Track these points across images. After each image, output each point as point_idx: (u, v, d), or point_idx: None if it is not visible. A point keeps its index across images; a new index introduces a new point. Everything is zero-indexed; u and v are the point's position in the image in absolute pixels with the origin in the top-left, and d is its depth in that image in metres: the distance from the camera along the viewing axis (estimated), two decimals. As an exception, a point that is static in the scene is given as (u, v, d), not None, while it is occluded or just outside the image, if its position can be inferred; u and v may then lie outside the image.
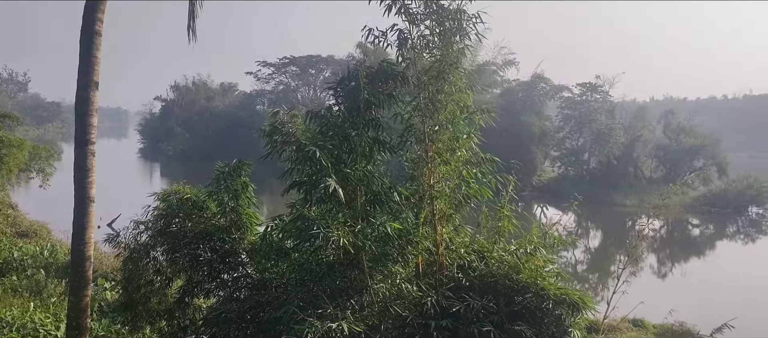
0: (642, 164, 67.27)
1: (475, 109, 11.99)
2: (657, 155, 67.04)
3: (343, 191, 10.30)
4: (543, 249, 11.33)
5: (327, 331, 9.34)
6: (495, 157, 11.81)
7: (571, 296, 10.34)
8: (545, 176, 68.49)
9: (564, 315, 10.39)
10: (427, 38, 11.59)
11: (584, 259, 41.96)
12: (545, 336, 10.33)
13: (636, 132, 67.77)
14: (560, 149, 69.39)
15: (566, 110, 69.84)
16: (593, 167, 67.33)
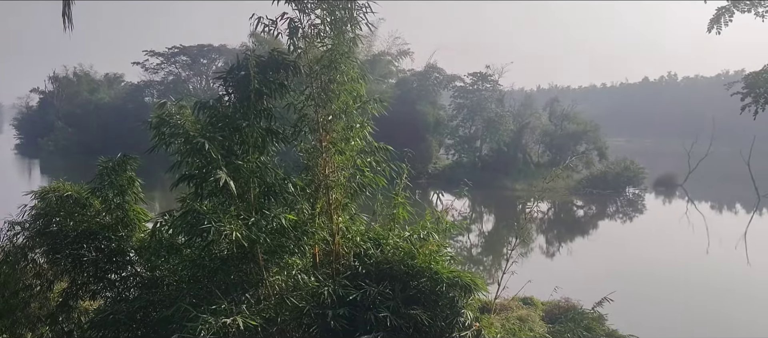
0: (530, 149, 70.47)
1: (368, 98, 12.07)
2: (544, 140, 70.50)
3: (235, 183, 10.09)
4: (436, 234, 11.62)
5: (221, 327, 9.14)
6: (388, 146, 11.97)
7: (463, 278, 10.69)
8: (441, 164, 70.24)
9: (457, 297, 10.73)
10: (318, 27, 11.53)
11: (478, 242, 43.47)
12: (439, 318, 10.63)
13: (524, 119, 70.88)
14: (454, 137, 71.43)
15: (459, 99, 71.92)
16: (485, 154, 69.78)
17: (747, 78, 7.88)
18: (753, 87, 7.64)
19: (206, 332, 8.88)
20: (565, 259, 38.45)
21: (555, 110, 74.05)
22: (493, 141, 68.15)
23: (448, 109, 72.74)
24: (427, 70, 69.16)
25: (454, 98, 72.61)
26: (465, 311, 10.65)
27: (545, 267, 34.75)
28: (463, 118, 71.50)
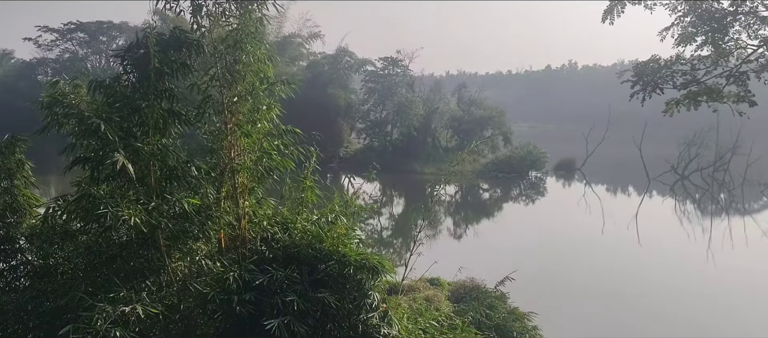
0: (439, 134, 71.92)
1: (276, 80, 11.87)
2: (452, 125, 72.12)
3: (134, 166, 9.67)
4: (344, 218, 11.63)
5: (120, 316, 8.78)
6: (297, 129, 11.83)
7: (370, 261, 10.77)
8: (352, 148, 70.40)
9: (365, 280, 10.81)
10: (222, 6, 11.19)
11: (389, 225, 43.98)
12: (347, 300, 10.68)
13: (433, 105, 72.15)
14: (365, 121, 71.77)
15: (370, 84, 72.21)
16: (396, 138, 70.54)
17: (636, 67, 8.36)
18: (641, 76, 8.12)
19: (103, 321, 8.49)
20: (471, 240, 39.57)
21: (463, 95, 75.87)
22: (403, 126, 68.96)
23: (360, 93, 72.92)
24: (338, 53, 68.89)
25: (365, 83, 72.84)
26: (372, 293, 10.74)
27: (453, 248, 35.64)
28: (374, 102, 71.91)
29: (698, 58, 8.24)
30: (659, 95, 8.25)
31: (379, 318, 10.66)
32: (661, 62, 8.06)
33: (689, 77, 8.05)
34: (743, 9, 7.98)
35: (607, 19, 10.37)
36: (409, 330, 11.23)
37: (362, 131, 72.62)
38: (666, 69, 7.98)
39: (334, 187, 14.02)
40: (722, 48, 8.13)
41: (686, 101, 8.20)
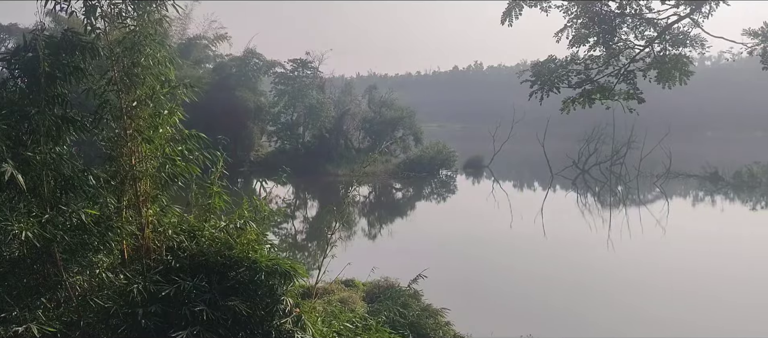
0: (351, 135, 72.08)
1: (178, 83, 11.47)
2: (364, 126, 72.42)
3: (24, 177, 9.07)
4: (254, 223, 11.40)
5: (13, 337, 8.22)
6: (201, 133, 11.48)
7: (282, 266, 10.61)
8: (263, 151, 69.29)
9: (277, 285, 10.64)
10: (118, 6, 10.70)
11: (303, 228, 43.64)
12: (259, 307, 10.47)
13: (344, 106, 72.23)
14: (276, 123, 70.78)
15: (280, 86, 71.28)
16: (308, 141, 70.04)
17: (534, 67, 8.72)
18: (539, 75, 8.47)
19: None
20: (386, 240, 39.89)
21: (374, 97, 76.39)
22: (315, 127, 68.56)
23: (270, 95, 71.84)
24: (246, 55, 67.49)
25: (275, 85, 71.82)
26: (285, 298, 10.58)
27: (367, 248, 35.80)
28: (285, 104, 71.00)
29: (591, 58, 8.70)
30: (556, 93, 8.64)
31: (293, 323, 10.51)
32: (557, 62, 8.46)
33: (583, 76, 8.48)
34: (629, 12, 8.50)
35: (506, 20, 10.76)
36: (324, 333, 11.16)
37: (273, 133, 71.55)
38: (562, 69, 8.39)
39: (243, 192, 13.71)
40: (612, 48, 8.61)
41: (581, 99, 8.63)
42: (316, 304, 14.52)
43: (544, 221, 42.11)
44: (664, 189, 58.42)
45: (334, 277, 18.70)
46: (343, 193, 54.16)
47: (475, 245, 35.45)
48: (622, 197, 58.18)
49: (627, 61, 8.27)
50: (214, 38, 68.58)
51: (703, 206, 53.24)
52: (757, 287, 26.57)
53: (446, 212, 51.58)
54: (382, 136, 71.17)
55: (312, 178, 59.67)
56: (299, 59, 71.26)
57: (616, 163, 66.26)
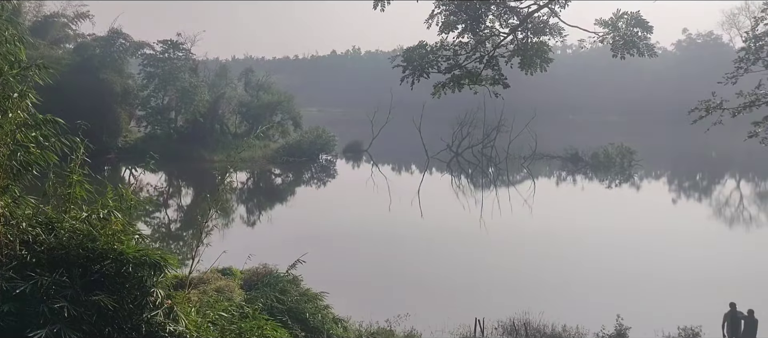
0: (227, 120, 70.09)
1: (30, 64, 10.55)
2: (240, 111, 70.65)
3: None
4: (119, 213, 10.77)
5: None
6: (58, 118, 10.65)
7: (151, 256, 10.12)
8: (132, 137, 65.67)
9: (146, 277, 10.13)
10: (-44, -22, 9.65)
11: (177, 217, 42.02)
12: (127, 301, 9.95)
13: (220, 90, 70.01)
14: (146, 108, 67.15)
15: (149, 68, 67.56)
16: (181, 126, 67.24)
17: (405, 53, 8.91)
18: (410, 61, 8.66)
19: None
20: (265, 226, 39.35)
21: (250, 80, 74.73)
22: (188, 112, 65.83)
23: (138, 78, 68.05)
24: (110, 35, 63.27)
25: (143, 67, 67.96)
26: (155, 290, 10.11)
27: (246, 235, 35.13)
28: (155, 88, 67.42)
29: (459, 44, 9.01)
30: (426, 78, 8.89)
31: (164, 316, 10.08)
32: (427, 48, 8.68)
33: (452, 62, 8.77)
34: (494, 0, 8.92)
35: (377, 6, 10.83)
36: (198, 324, 10.79)
37: (143, 118, 67.79)
38: (432, 55, 8.62)
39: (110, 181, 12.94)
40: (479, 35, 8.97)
41: (451, 84, 8.93)
42: (191, 294, 14.06)
43: (421, 202, 43.33)
44: (530, 170, 61.98)
45: (210, 266, 18.18)
46: (219, 179, 52.67)
47: (354, 228, 35.84)
48: (493, 179, 61.10)
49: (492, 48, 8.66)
50: (74, 16, 63.91)
51: (565, 185, 57.11)
52: (612, 250, 29.06)
53: (327, 196, 51.67)
54: (260, 120, 69.84)
55: (186, 164, 57.49)
56: (170, 41, 67.93)
57: (487, 146, 69.39)
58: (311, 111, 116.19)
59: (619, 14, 8.81)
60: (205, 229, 14.85)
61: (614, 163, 60.86)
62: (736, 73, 9.05)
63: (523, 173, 62.15)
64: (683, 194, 55.09)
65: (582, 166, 61.84)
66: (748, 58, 8.97)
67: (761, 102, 8.89)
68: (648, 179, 59.85)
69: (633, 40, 8.65)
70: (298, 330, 13.10)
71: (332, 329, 14.66)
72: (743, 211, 44.17)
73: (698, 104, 9.36)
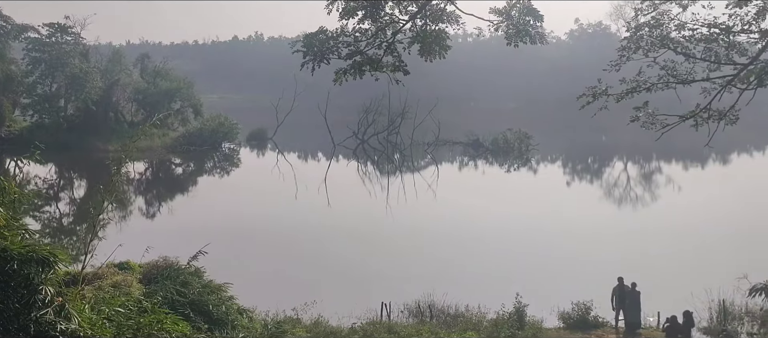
0: (123, 108, 66.92)
1: None
2: (136, 98, 67.59)
3: None
4: (1, 207, 10.09)
5: None
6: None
7: (39, 252, 9.57)
8: (17, 126, 61.40)
9: (33, 274, 9.57)
10: None
11: (70, 211, 39.89)
12: (13, 300, 9.36)
13: (113, 76, 66.55)
14: (32, 95, 62.80)
15: (34, 53, 63.20)
16: (71, 114, 63.47)
17: (305, 38, 8.83)
18: (310, 47, 8.59)
19: None
20: (165, 218, 38.07)
21: (146, 66, 71.55)
22: (79, 100, 62.16)
23: (22, 64, 63.53)
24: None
25: (28, 52, 63.49)
26: (44, 287, 9.57)
27: (145, 228, 33.86)
28: (42, 74, 63.19)
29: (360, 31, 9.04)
30: (327, 64, 8.87)
31: (55, 314, 9.56)
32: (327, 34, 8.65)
33: (353, 49, 8.80)
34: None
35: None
36: (93, 321, 10.31)
37: (29, 106, 63.36)
38: (332, 41, 8.60)
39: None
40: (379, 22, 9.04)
41: (352, 70, 8.95)
42: (85, 291, 13.40)
43: (328, 190, 43.28)
44: (434, 156, 63.33)
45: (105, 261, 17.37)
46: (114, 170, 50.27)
47: (260, 218, 35.32)
48: (398, 165, 61.96)
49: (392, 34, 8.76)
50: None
51: (467, 170, 58.86)
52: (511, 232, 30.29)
53: (230, 186, 50.58)
54: (158, 108, 66.88)
55: (78, 155, 54.42)
56: (57, 24, 63.79)
57: (392, 133, 70.18)
58: (212, 98, 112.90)
59: (512, 3, 9.15)
60: (98, 222, 14.18)
61: (513, 148, 63.25)
62: (619, 61, 9.65)
63: (427, 159, 63.40)
64: (576, 176, 58.15)
65: (483, 151, 63.84)
66: (629, 47, 9.60)
67: (641, 88, 9.54)
68: (544, 163, 62.69)
69: (526, 29, 9.03)
70: (201, 323, 12.77)
71: (237, 320, 14.41)
72: (630, 191, 47.20)
73: (585, 90, 9.91)
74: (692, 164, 60.27)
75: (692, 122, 9.73)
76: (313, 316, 18.44)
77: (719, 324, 19.58)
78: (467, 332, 17.37)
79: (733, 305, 19.95)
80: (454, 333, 17.40)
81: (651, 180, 53.44)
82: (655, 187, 49.63)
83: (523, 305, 18.53)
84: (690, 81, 9.49)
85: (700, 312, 19.81)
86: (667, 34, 9.48)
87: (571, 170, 61.26)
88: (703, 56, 9.35)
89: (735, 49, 9.35)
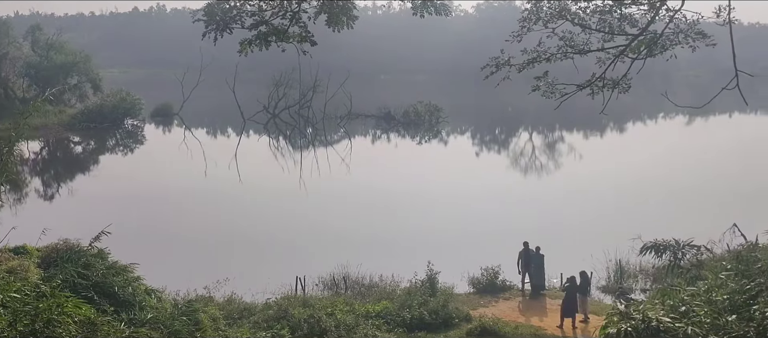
0: (13, 83, 62.62)
1: None
2: (28, 73, 63.41)
3: None
4: None
5: None
6: None
7: None
8: None
9: None
10: None
11: (-45, 196, 37.03)
12: None
13: (2, 49, 61.98)
14: None
15: None
16: (-46, 91, 58.79)
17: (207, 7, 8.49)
18: (211, 16, 8.29)
19: None
20: (65, 199, 36.23)
21: (38, 39, 67.03)
22: (-38, 75, 57.64)
23: None
24: None
25: None
26: (-73, 276, 8.89)
27: (43, 210, 32.08)
28: None
29: (264, 0, 8.85)
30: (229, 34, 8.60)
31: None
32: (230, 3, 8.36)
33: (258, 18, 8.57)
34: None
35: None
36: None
37: None
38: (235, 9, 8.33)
39: None
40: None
41: (257, 41, 8.72)
42: (-25, 279, 12.54)
43: (239, 166, 42.39)
44: (347, 129, 63.32)
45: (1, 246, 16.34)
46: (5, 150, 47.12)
47: (168, 195, 34.25)
48: (311, 139, 61.53)
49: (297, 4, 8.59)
50: None
51: (380, 143, 59.28)
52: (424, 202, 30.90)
53: (135, 163, 48.61)
54: (53, 83, 62.88)
55: (-36, 135, 50.56)
56: (-66, -8, 58.59)
57: (304, 107, 69.36)
58: (112, 73, 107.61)
59: (418, -26, 9.26)
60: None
61: (423, 120, 64.16)
62: (520, 32, 9.97)
63: (340, 132, 63.30)
64: (485, 147, 59.92)
65: (395, 124, 64.40)
66: (530, 18, 9.93)
67: (541, 59, 9.91)
68: (454, 135, 64.10)
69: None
70: (106, 305, 12.24)
71: (145, 300, 13.93)
72: (535, 160, 49.15)
73: (489, 60, 10.18)
74: (592, 133, 63.44)
75: (588, 90, 10.21)
76: (226, 293, 18.19)
77: (616, 282, 20.95)
78: (381, 301, 17.66)
79: (629, 264, 21.41)
80: (368, 303, 17.65)
81: (554, 149, 55.86)
82: (558, 155, 51.95)
83: (435, 272, 19.04)
84: (586, 51, 9.95)
85: (600, 271, 21.14)
86: (565, 6, 9.87)
87: (479, 141, 63.01)
88: (598, 27, 9.82)
89: (627, 21, 9.87)
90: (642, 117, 77.00)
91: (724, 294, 11.24)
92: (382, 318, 16.44)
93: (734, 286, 11.26)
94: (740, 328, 10.12)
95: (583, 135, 63.38)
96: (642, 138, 63.46)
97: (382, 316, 16.52)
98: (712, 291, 11.57)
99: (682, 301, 11.37)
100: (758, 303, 10.48)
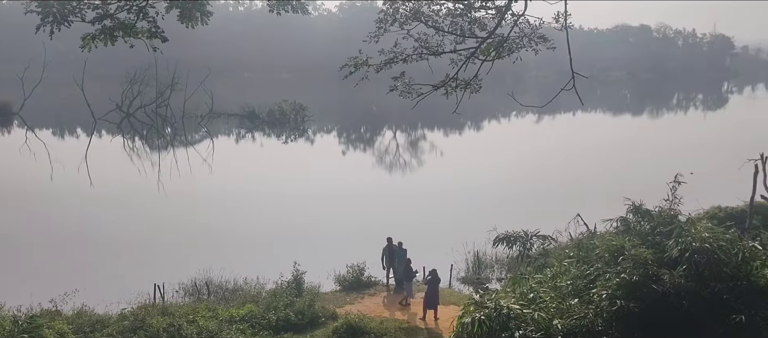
0: None
1: None
2: None
3: None
4: None
5: None
6: None
7: None
8: None
9: None
10: None
11: None
12: None
13: None
14: None
15: None
16: None
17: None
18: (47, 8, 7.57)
19: None
20: None
21: None
22: None
23: None
24: None
25: None
26: None
27: None
28: None
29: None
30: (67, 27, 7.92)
31: None
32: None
33: (102, 12, 7.97)
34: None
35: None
36: None
37: None
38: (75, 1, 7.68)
39: None
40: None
41: (101, 36, 8.12)
42: None
43: (90, 169, 39.62)
44: (209, 129, 61.28)
45: None
46: None
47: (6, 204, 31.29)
48: (170, 139, 58.88)
49: (145, 0, 8.13)
50: None
51: (244, 143, 57.95)
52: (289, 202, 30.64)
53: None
54: None
55: None
56: None
57: (162, 105, 66.14)
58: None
59: (272, -29, 9.09)
60: None
61: (289, 119, 63.58)
62: (377, 33, 10.14)
63: (201, 132, 61.13)
64: (351, 145, 60.52)
65: (259, 123, 63.25)
66: (386, 20, 10.14)
67: (398, 59, 10.14)
68: (320, 134, 64.15)
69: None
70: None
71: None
72: (399, 158, 50.38)
73: (348, 60, 10.26)
74: (451, 131, 66.12)
75: (443, 90, 10.62)
76: (76, 306, 16.93)
77: (474, 273, 22.00)
78: (246, 305, 17.30)
79: (486, 255, 22.54)
80: (233, 307, 17.22)
81: (417, 147, 57.61)
82: (420, 153, 53.65)
83: (301, 273, 18.98)
84: (440, 53, 10.32)
85: (459, 263, 22.06)
86: (419, 9, 10.18)
87: (345, 140, 63.53)
88: (451, 30, 10.22)
89: (477, 24, 10.37)
90: (496, 116, 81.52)
91: (567, 279, 12.18)
92: (247, 321, 16.13)
93: (576, 272, 12.24)
94: (581, 310, 11.02)
95: (443, 133, 65.94)
96: (497, 135, 67.24)
97: (246, 320, 16.21)
98: (557, 278, 12.50)
99: (531, 288, 12.18)
100: (596, 286, 11.47)
